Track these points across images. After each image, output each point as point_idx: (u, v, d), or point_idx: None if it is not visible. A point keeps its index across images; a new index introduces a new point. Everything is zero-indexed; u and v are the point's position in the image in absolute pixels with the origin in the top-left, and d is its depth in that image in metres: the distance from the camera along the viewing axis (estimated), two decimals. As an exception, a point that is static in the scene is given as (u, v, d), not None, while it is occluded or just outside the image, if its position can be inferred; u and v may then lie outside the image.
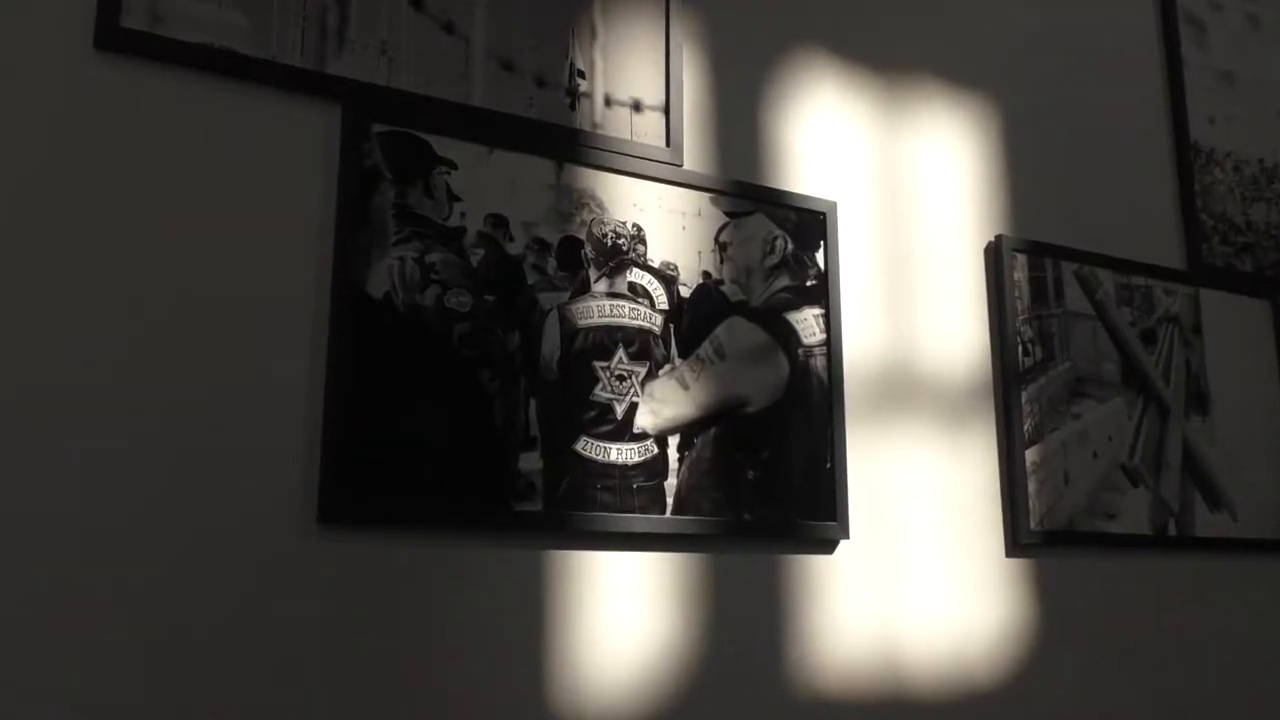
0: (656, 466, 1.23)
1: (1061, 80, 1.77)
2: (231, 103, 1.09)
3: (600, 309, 1.24)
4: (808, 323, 1.37)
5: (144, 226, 1.03)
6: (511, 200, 1.20)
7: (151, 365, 1.00)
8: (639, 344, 1.25)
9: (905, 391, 1.45)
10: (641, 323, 1.26)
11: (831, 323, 1.38)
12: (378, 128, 1.14)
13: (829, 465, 1.34)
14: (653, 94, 1.32)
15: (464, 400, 1.12)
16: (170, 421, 0.99)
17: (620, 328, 1.24)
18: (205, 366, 1.02)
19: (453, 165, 1.18)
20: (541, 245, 1.22)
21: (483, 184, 1.19)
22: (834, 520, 1.32)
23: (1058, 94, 1.76)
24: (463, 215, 1.17)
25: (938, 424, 1.48)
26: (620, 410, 1.22)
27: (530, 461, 1.15)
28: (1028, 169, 1.70)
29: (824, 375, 1.36)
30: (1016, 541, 1.50)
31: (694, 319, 1.29)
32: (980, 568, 1.46)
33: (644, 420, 1.23)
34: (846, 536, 1.33)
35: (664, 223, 1.30)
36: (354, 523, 1.05)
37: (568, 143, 1.25)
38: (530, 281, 1.20)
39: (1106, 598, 1.56)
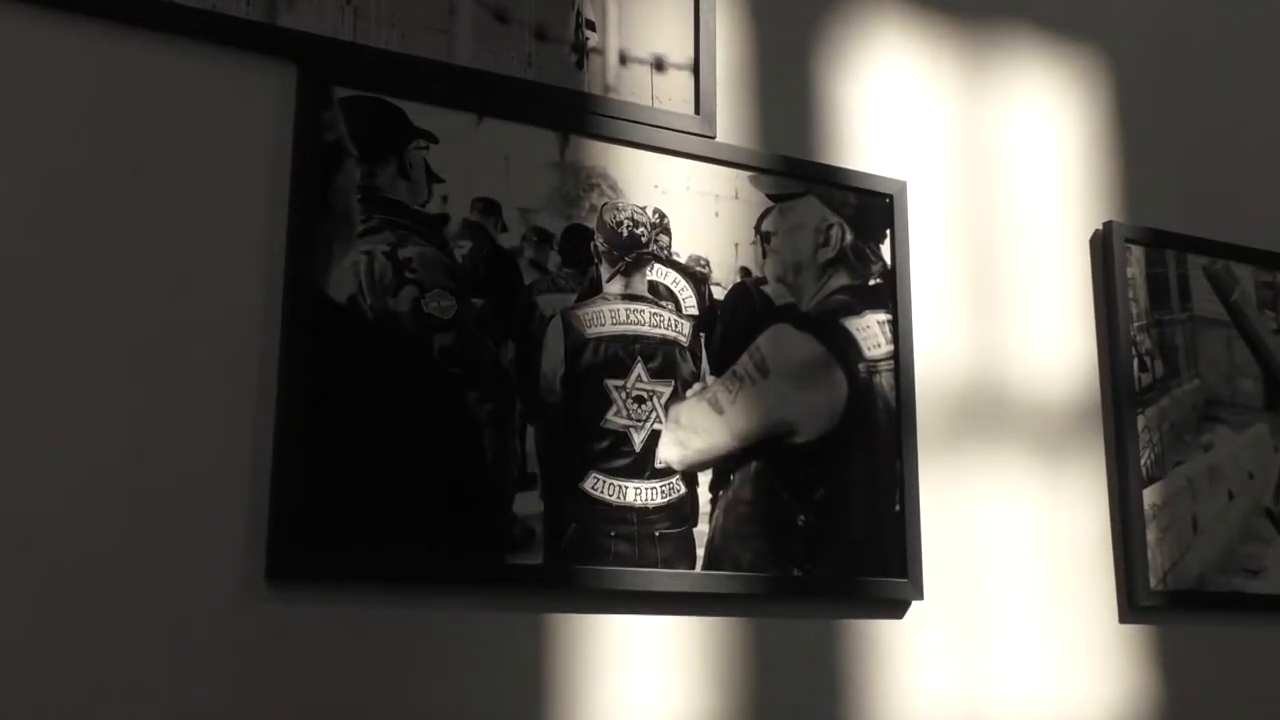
0: (684, 510, 1.22)
1: (1189, 28, 1.73)
2: (161, 63, 1.08)
3: (614, 315, 1.23)
4: (870, 331, 1.36)
5: (44, 219, 1.01)
6: (505, 181, 1.20)
7: (62, 389, 0.99)
8: (662, 358, 1.25)
9: (992, 416, 1.45)
10: (665, 331, 1.26)
11: (900, 331, 1.37)
12: (341, 92, 1.14)
13: (898, 508, 1.33)
14: (678, 49, 1.32)
15: (446, 429, 1.11)
16: (89, 459, 0.99)
17: (639, 338, 1.24)
18: (127, 392, 1.01)
19: (433, 138, 1.17)
20: (542, 236, 1.22)
21: (470, 161, 1.19)
22: (904, 577, 1.32)
23: (1185, 45, 1.72)
24: (445, 200, 1.17)
25: (1033, 457, 1.48)
26: (639, 440, 1.22)
27: (528, 504, 1.14)
28: (1146, 139, 1.66)
29: (890, 396, 1.35)
30: (1133, 603, 1.48)
31: (730, 327, 1.29)
32: (1087, 636, 1.45)
33: (668, 452, 1.23)
34: (920, 597, 1.32)
35: (692, 208, 1.30)
36: (310, 581, 1.04)
37: (574, 110, 1.25)
38: (528, 281, 1.20)
39: (1244, 673, 1.53)
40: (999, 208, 1.54)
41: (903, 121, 1.49)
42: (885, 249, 1.40)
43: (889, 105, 1.48)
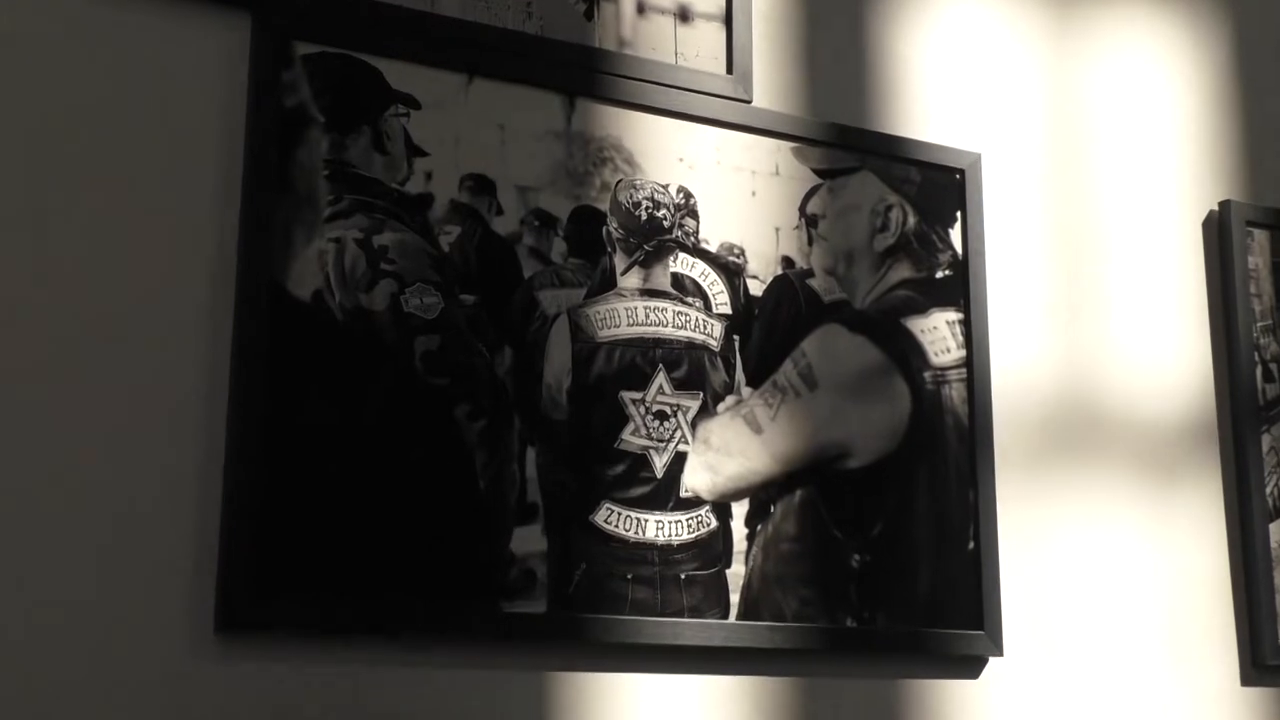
0: (716, 547, 1.22)
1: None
2: (90, 15, 1.07)
3: (631, 314, 1.23)
4: (939, 333, 1.36)
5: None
6: (500, 154, 1.20)
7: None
8: (688, 365, 1.24)
9: (1086, 436, 1.45)
10: (692, 334, 1.25)
11: (974, 333, 1.37)
12: (304, 49, 1.14)
13: (971, 546, 1.33)
14: (708, -3, 1.33)
15: (430, 451, 1.12)
16: (10, 492, 0.98)
17: (660, 342, 1.24)
18: (46, 414, 1.00)
19: (414, 103, 1.17)
20: (544, 220, 1.22)
21: (458, 131, 1.19)
22: (980, 629, 1.32)
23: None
24: (429, 177, 1.17)
25: (1135, 485, 1.47)
26: (660, 464, 1.22)
27: (528, 540, 1.14)
28: (1272, 103, 1.66)
29: (963, 411, 1.35)
30: (1257, 662, 1.47)
31: (770, 329, 1.29)
32: (1202, 701, 1.44)
33: (696, 479, 1.23)
34: (998, 652, 1.32)
35: (725, 186, 1.30)
36: (267, 633, 1.04)
37: (583, 68, 1.25)
38: (528, 274, 1.20)
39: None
40: (1093, 185, 1.53)
41: (976, 82, 1.48)
42: (955, 234, 1.40)
43: (960, 62, 1.48)
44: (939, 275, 1.38)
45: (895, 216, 1.36)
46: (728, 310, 1.28)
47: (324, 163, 1.12)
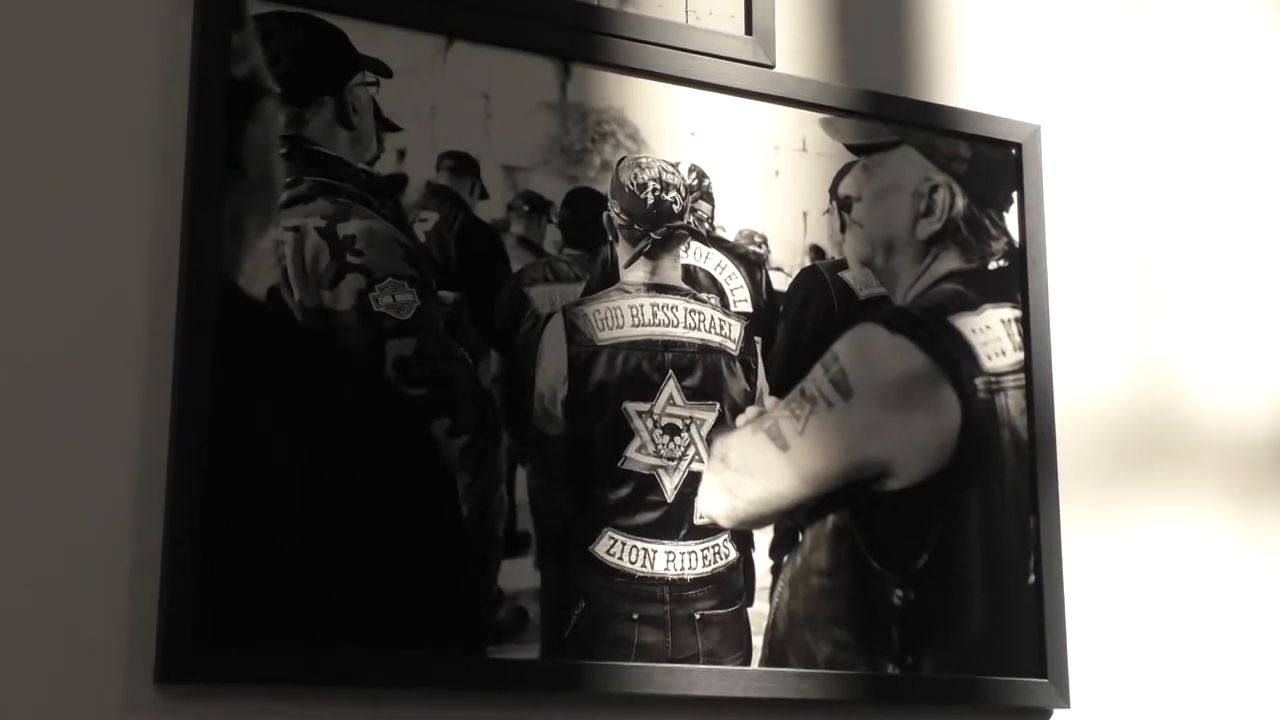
0: (735, 582, 1.22)
1: None
2: None
3: (636, 313, 1.23)
4: (992, 333, 1.36)
5: None
6: (484, 129, 1.20)
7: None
8: (703, 372, 1.24)
9: (1165, 451, 1.46)
10: (706, 335, 1.25)
11: (1033, 333, 1.37)
12: (257, 7, 1.13)
13: (1032, 580, 1.33)
14: (724, -53, 1.33)
15: (404, 473, 1.12)
16: None
17: (670, 344, 1.24)
18: None
19: (384, 71, 1.17)
20: (536, 205, 1.22)
21: (435, 102, 1.18)
22: (1043, 676, 1.32)
23: None
24: (401, 156, 1.17)
25: (1224, 508, 1.47)
26: (671, 486, 1.22)
27: (518, 575, 1.15)
28: None
29: (1021, 424, 1.35)
30: None
31: (797, 329, 1.29)
32: None
33: (712, 503, 1.23)
34: (1064, 703, 1.32)
35: (744, 164, 1.30)
36: (216, 684, 1.04)
37: (580, 30, 1.25)
38: (517, 267, 1.20)
39: None
40: (1170, 161, 1.53)
41: (1034, 42, 1.48)
42: (1011, 218, 1.41)
43: (1015, 19, 1.48)
44: (992, 266, 1.38)
45: (941, 198, 1.36)
46: (748, 308, 1.28)
47: (280, 140, 1.12)
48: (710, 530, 1.22)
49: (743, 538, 1.23)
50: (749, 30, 1.32)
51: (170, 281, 1.08)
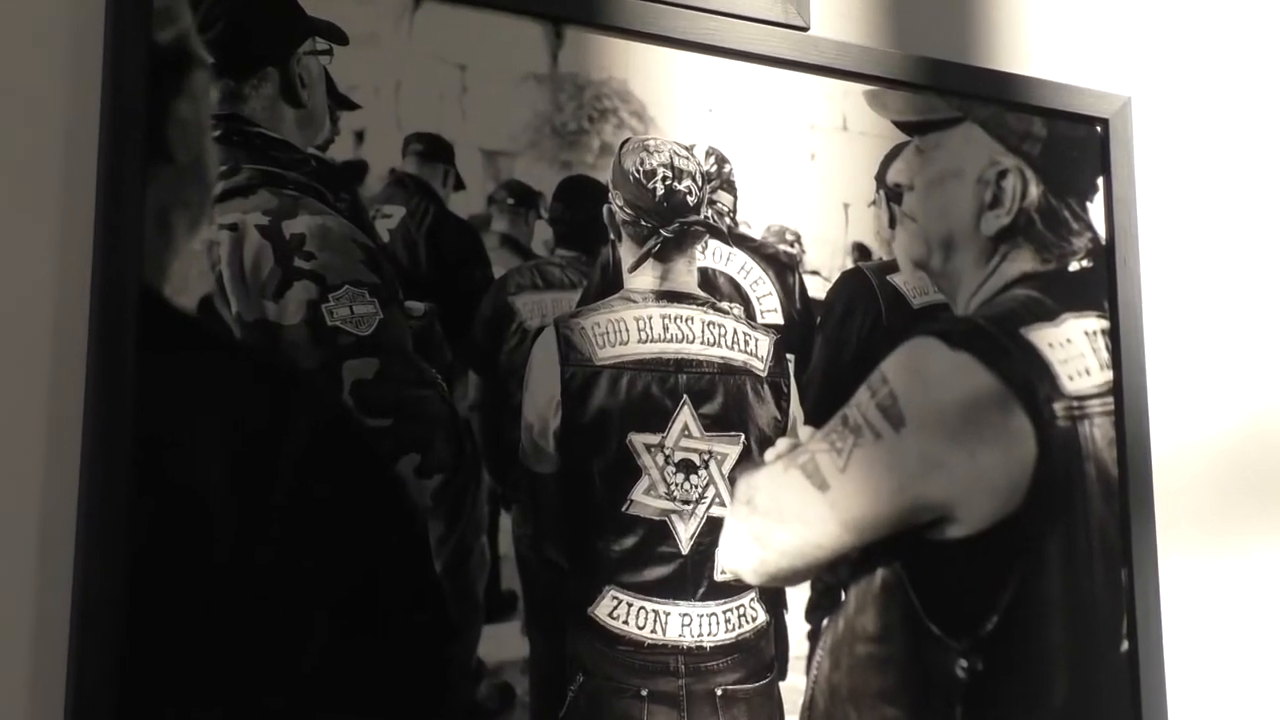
0: (765, 651, 1.22)
1: None
2: None
3: (643, 326, 1.23)
4: (1074, 348, 1.37)
5: None
6: (460, 107, 1.21)
7: None
8: (724, 397, 1.24)
9: None
10: (729, 353, 1.25)
11: (1124, 348, 1.39)
12: None
13: (1125, 646, 1.34)
14: (747, -113, 1.31)
15: (364, 519, 1.12)
16: None
17: (684, 364, 1.24)
18: None
19: (339, 37, 1.17)
20: (521, 198, 1.22)
21: (401, 74, 1.19)
22: None
23: None
24: (360, 138, 1.17)
25: None
26: (687, 534, 1.22)
27: (503, 642, 1.15)
28: None
29: (1109, 457, 1.36)
30: None
31: (838, 345, 1.30)
32: None
33: (737, 555, 1.23)
34: None
35: (772, 146, 1.30)
36: None
37: None
38: (500, 272, 1.20)
39: None
40: None
41: (1121, 3, 1.47)
42: (1096, 210, 1.41)
43: None
44: (1073, 267, 1.38)
45: (1012, 186, 1.37)
46: (778, 319, 1.27)
47: (214, 120, 1.11)
48: (734, 588, 1.22)
49: (773, 597, 1.23)
50: (779, -14, 1.31)
51: (80, 291, 1.07)
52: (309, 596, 1.08)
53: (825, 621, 1.24)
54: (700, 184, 1.26)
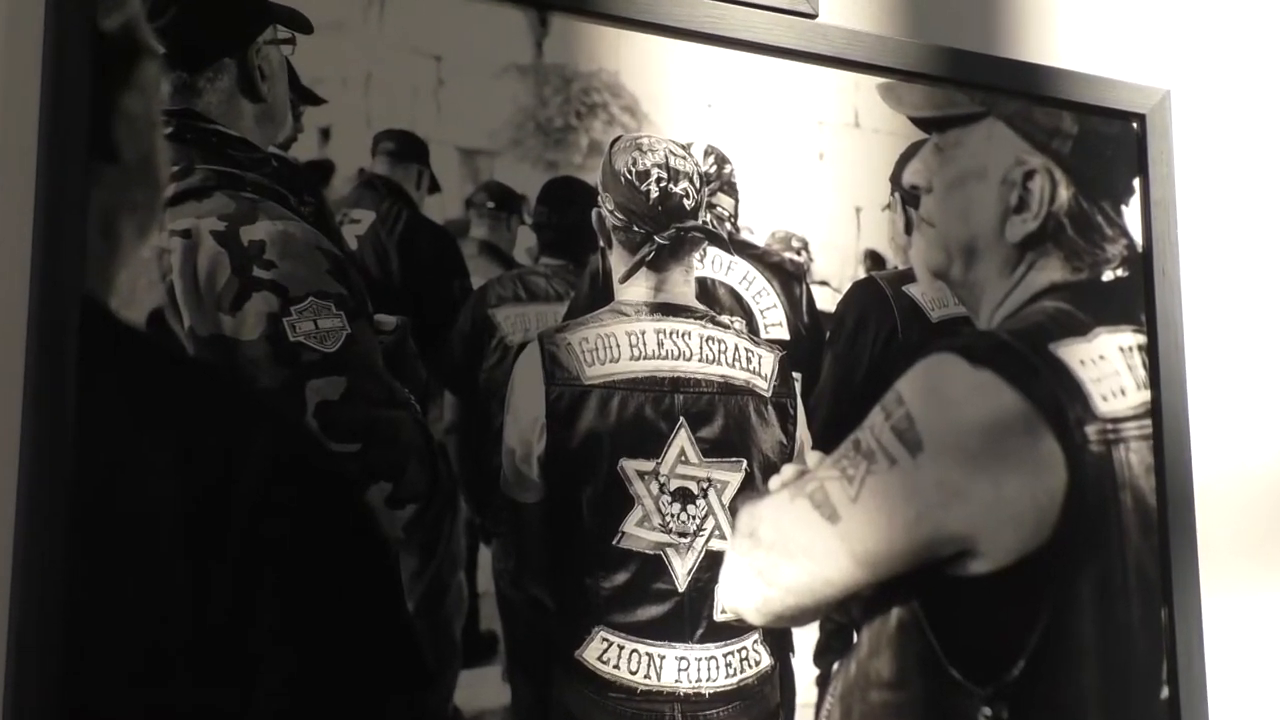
0: (770, 698, 1.23)
1: None
2: None
3: (635, 342, 1.23)
4: (1108, 366, 1.38)
5: None
6: (435, 101, 1.21)
7: None
8: (724, 420, 1.24)
9: None
10: (729, 370, 1.25)
11: (1163, 366, 1.39)
12: None
13: (1166, 693, 1.34)
14: None
15: (329, 554, 1.11)
16: None
17: (681, 383, 1.24)
18: None
19: (302, 25, 1.17)
20: (503, 201, 1.22)
21: (370, 65, 1.19)
22: None
23: None
24: (325, 136, 1.17)
25: None
26: (683, 570, 1.22)
27: (482, 689, 1.15)
28: None
29: (1147, 486, 1.37)
30: None
31: (848, 362, 1.30)
32: None
33: (738, 593, 1.22)
34: None
35: (777, 145, 1.31)
36: None
37: None
38: (479, 282, 1.21)
39: None
40: None
41: None
42: (1132, 214, 1.41)
43: None
44: (1107, 277, 1.39)
45: (1039, 188, 1.37)
46: (783, 334, 1.28)
47: (165, 116, 1.12)
48: (735, 629, 1.22)
49: (779, 639, 1.24)
50: (784, -31, 1.32)
51: (17, 303, 1.07)
52: (269, 638, 1.08)
53: (836, 665, 1.25)
54: (698, 186, 1.26)
